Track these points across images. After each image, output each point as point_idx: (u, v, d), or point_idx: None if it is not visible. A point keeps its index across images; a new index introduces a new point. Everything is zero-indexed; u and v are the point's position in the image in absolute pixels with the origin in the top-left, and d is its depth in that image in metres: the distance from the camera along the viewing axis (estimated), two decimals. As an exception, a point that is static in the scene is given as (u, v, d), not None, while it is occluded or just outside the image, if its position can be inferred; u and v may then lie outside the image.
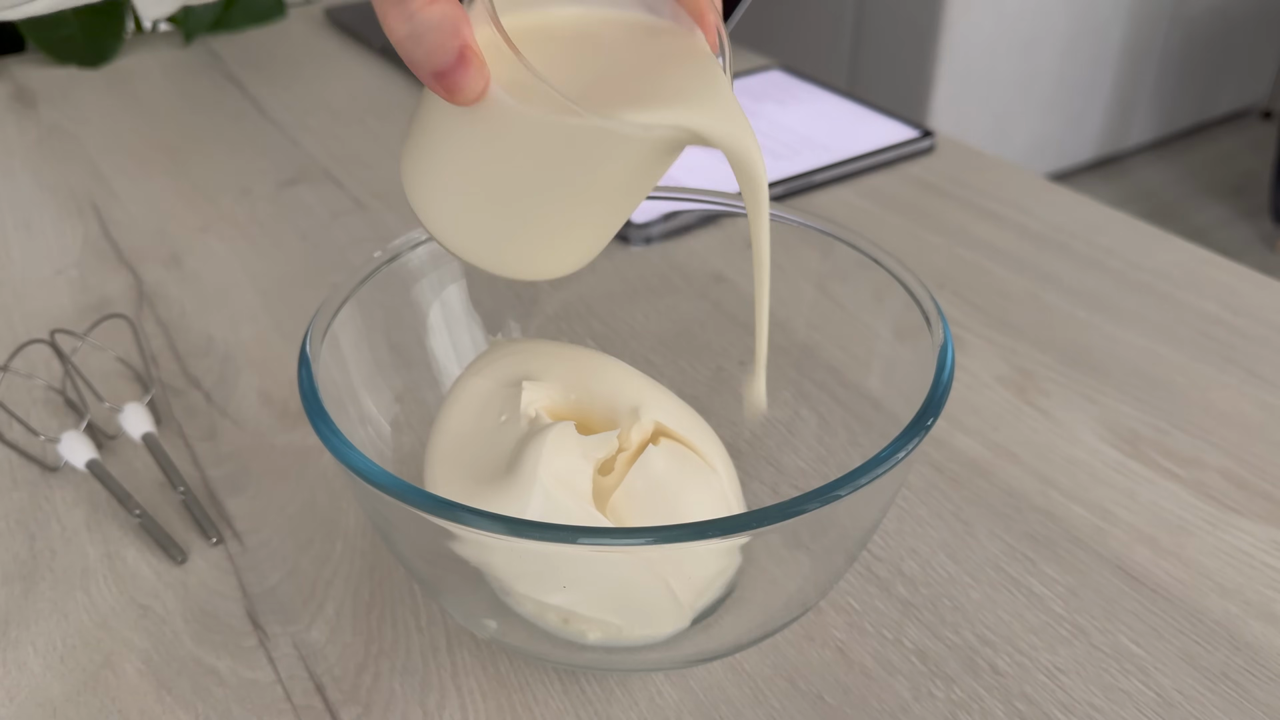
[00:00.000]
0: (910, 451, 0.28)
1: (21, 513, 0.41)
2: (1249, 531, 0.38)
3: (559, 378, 0.34)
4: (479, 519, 0.25)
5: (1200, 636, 0.34)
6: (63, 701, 0.33)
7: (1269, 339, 0.48)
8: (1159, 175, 2.20)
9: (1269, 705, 0.32)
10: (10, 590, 0.37)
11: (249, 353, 0.50)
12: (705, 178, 0.63)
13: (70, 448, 0.41)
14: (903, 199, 0.61)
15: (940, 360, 0.31)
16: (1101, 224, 0.58)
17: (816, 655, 0.34)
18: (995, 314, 0.51)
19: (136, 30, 0.96)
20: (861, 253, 0.36)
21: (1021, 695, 0.33)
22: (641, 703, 0.33)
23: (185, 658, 0.35)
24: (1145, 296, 0.52)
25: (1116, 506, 0.39)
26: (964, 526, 0.39)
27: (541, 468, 0.30)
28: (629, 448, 0.33)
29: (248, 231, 0.60)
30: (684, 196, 0.40)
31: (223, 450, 0.44)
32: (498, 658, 0.34)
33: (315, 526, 0.40)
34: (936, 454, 0.42)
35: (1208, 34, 2.16)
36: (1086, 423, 0.44)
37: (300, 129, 0.73)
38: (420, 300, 0.39)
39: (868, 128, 0.68)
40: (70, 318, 0.52)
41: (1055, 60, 1.94)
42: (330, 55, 0.87)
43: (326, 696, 0.33)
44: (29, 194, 0.65)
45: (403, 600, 0.36)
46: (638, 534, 0.26)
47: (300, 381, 0.31)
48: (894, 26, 1.84)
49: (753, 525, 0.25)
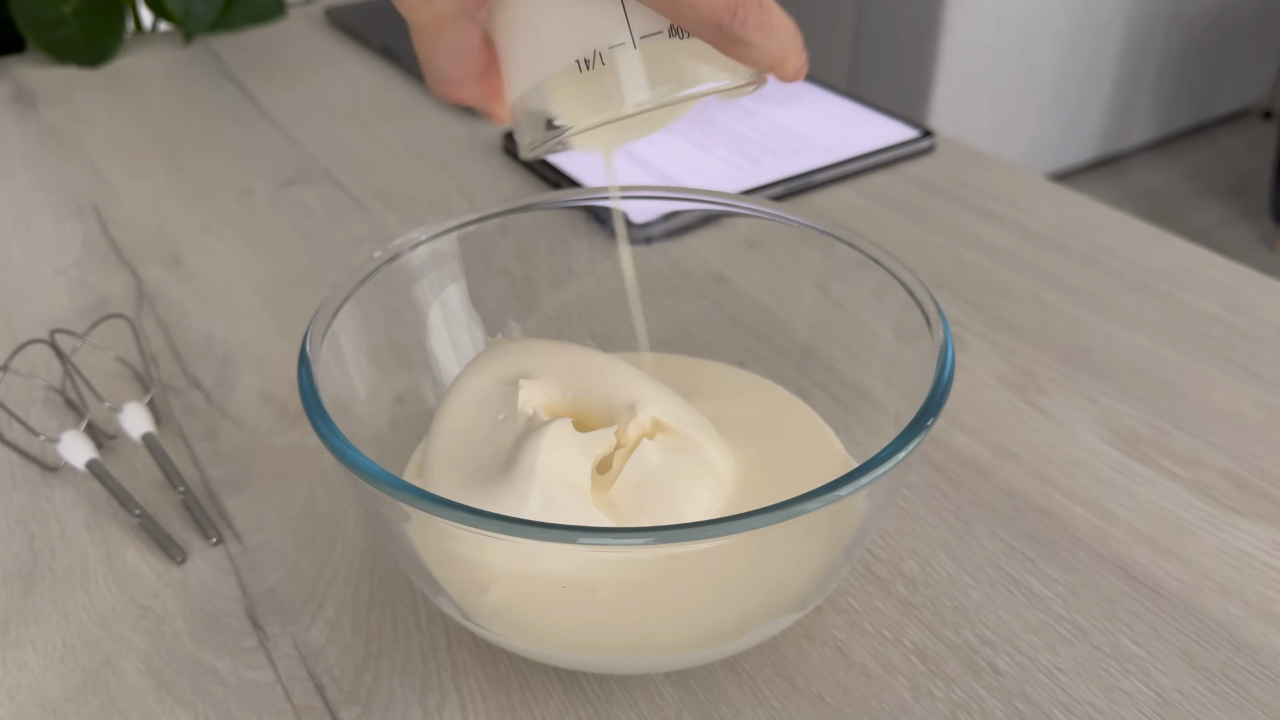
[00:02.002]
0: (910, 451, 0.28)
1: (21, 513, 0.41)
2: (1249, 531, 0.38)
3: (556, 375, 0.34)
4: (478, 518, 0.25)
5: (1200, 636, 0.34)
6: (63, 701, 0.33)
7: (1269, 339, 0.48)
8: (1159, 175, 2.20)
9: (1269, 705, 0.32)
10: (10, 590, 0.37)
11: (249, 353, 0.50)
12: (705, 178, 0.63)
13: (70, 448, 0.41)
14: (903, 199, 0.61)
15: (940, 360, 0.31)
16: (1101, 224, 0.58)
17: (816, 655, 0.34)
18: (995, 314, 0.51)
19: (136, 30, 0.96)
20: (861, 253, 0.36)
21: (1021, 695, 0.33)
22: (641, 703, 0.33)
23: (185, 658, 0.35)
24: (1145, 296, 0.52)
25: (1116, 506, 0.39)
26: (964, 526, 0.39)
27: (539, 465, 0.30)
28: (627, 444, 0.33)
29: (248, 231, 0.60)
30: (684, 196, 0.40)
31: (223, 450, 0.44)
32: (498, 658, 0.34)
33: (315, 526, 0.40)
34: (936, 454, 0.42)
35: (1208, 34, 2.16)
36: (1086, 423, 0.44)
37: (300, 129, 0.73)
38: (420, 300, 0.39)
39: (868, 128, 0.68)
40: (70, 318, 0.52)
41: (1055, 60, 1.94)
42: (330, 55, 0.87)
43: (326, 696, 0.33)
44: (29, 194, 0.65)
45: (403, 600, 0.36)
46: (637, 534, 0.26)
47: (300, 381, 0.31)
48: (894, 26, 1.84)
49: (753, 524, 0.25)
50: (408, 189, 0.64)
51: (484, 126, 0.72)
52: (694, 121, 0.70)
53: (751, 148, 0.66)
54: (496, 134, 0.71)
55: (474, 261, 0.40)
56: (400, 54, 0.83)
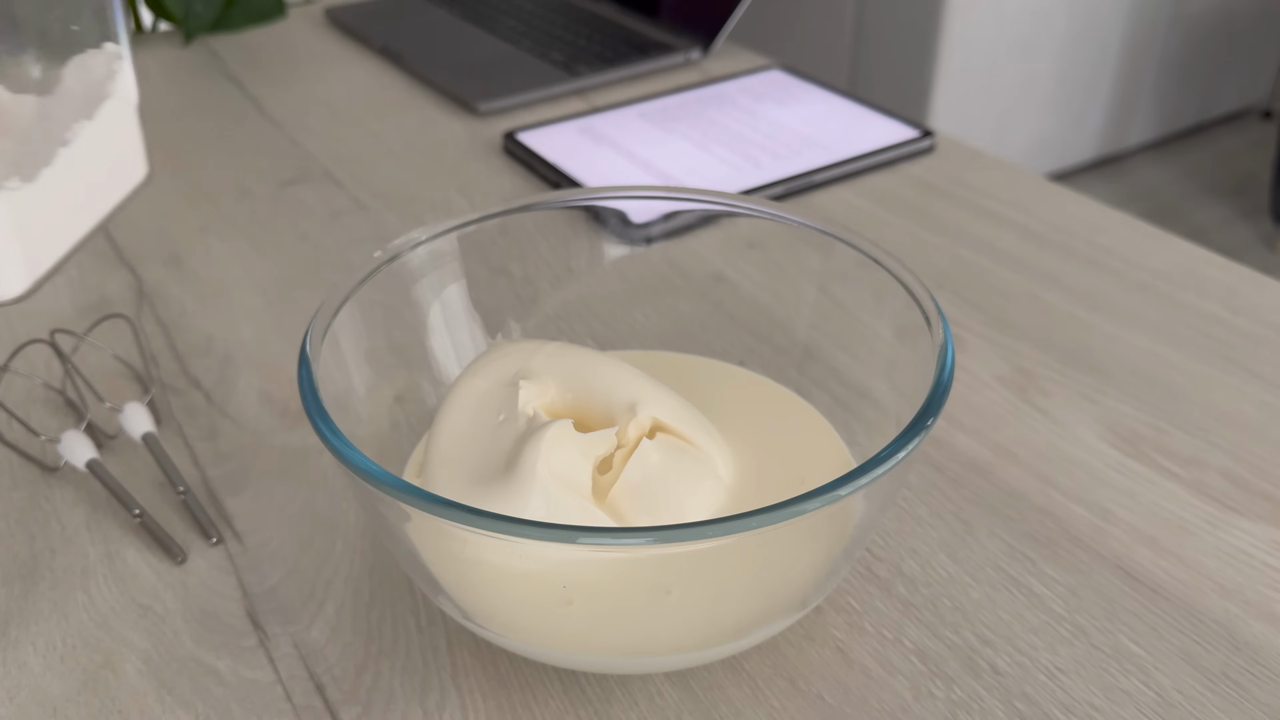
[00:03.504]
0: (910, 451, 0.28)
1: (21, 513, 0.41)
2: (1249, 531, 0.38)
3: (556, 376, 0.34)
4: (479, 518, 0.25)
5: (1200, 636, 0.34)
6: (63, 701, 0.33)
7: (1269, 339, 0.48)
8: (1159, 175, 2.20)
9: (1269, 705, 0.32)
10: (10, 590, 0.37)
11: (249, 353, 0.50)
12: (705, 178, 0.63)
13: (70, 448, 0.41)
14: (903, 199, 0.61)
15: (940, 360, 0.31)
16: (1101, 224, 0.58)
17: (816, 655, 0.34)
18: (995, 314, 0.51)
19: (136, 30, 0.96)
20: (861, 253, 0.36)
21: (1021, 695, 0.33)
22: (641, 703, 0.33)
23: (185, 658, 0.35)
24: (1145, 296, 0.52)
25: (1116, 506, 0.39)
26: (964, 526, 0.39)
27: (540, 465, 0.30)
28: (627, 444, 0.33)
29: (248, 231, 0.60)
30: (684, 196, 0.40)
31: (223, 450, 0.44)
32: (498, 658, 0.34)
33: (315, 526, 0.40)
34: (936, 454, 0.42)
35: (1208, 34, 2.16)
36: (1086, 423, 0.44)
37: (300, 129, 0.73)
38: (420, 300, 0.39)
39: (868, 128, 0.68)
40: (70, 318, 0.52)
41: (1055, 60, 1.94)
42: (330, 55, 0.87)
43: (326, 696, 0.33)
44: (29, 194, 0.65)
45: (403, 600, 0.36)
46: (637, 534, 0.26)
47: (300, 381, 0.31)
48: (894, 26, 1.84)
49: (753, 524, 0.25)
50: (408, 189, 0.64)
51: (484, 126, 0.72)
52: (694, 121, 0.70)
53: (751, 148, 0.66)
54: (496, 134, 0.71)
55: (474, 261, 0.40)
56: (400, 54, 0.83)
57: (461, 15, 0.91)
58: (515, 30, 0.87)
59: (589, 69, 0.78)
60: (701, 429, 0.34)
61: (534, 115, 0.74)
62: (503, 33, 0.87)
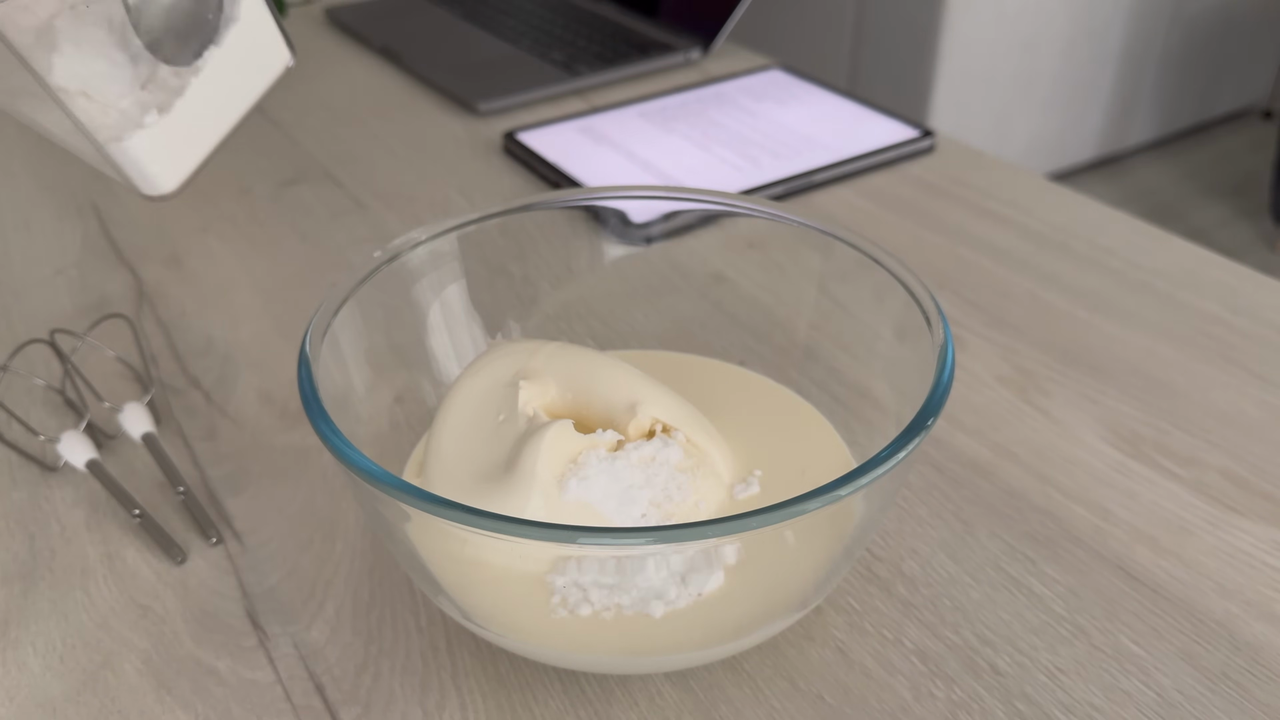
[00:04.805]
0: (910, 451, 0.28)
1: (21, 513, 0.41)
2: (1249, 531, 0.38)
3: (556, 376, 0.34)
4: (479, 518, 0.25)
5: (1200, 636, 0.34)
6: (63, 701, 0.33)
7: (1269, 339, 0.48)
8: (1159, 175, 2.20)
9: (1269, 705, 0.32)
10: (10, 590, 0.37)
11: (249, 353, 0.50)
12: (705, 178, 0.63)
13: (70, 448, 0.41)
14: (903, 199, 0.61)
15: (940, 360, 0.31)
16: (1101, 224, 0.58)
17: (816, 655, 0.34)
18: (995, 314, 0.51)
19: (136, 30, 0.96)
20: (862, 253, 0.36)
21: (1022, 695, 0.32)
22: (641, 703, 0.33)
23: (185, 658, 0.35)
24: (1145, 296, 0.52)
25: (1116, 506, 0.39)
26: (964, 526, 0.39)
27: (540, 466, 0.30)
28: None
29: (247, 231, 0.60)
30: (684, 196, 0.40)
31: (222, 450, 0.44)
32: (498, 658, 0.34)
33: (315, 526, 0.40)
34: (936, 454, 0.42)
35: (1208, 34, 2.16)
36: (1086, 423, 0.43)
37: (300, 128, 0.73)
38: (420, 300, 0.39)
39: (868, 128, 0.68)
40: (70, 318, 0.52)
41: (1055, 60, 1.94)
42: (330, 55, 0.87)
43: (326, 696, 0.33)
44: (29, 194, 0.65)
45: (403, 600, 0.36)
46: (637, 534, 0.26)
47: (300, 381, 0.31)
48: (894, 26, 1.84)
49: (754, 524, 0.25)
50: (408, 189, 0.64)
51: (484, 126, 0.72)
52: (694, 121, 0.70)
53: (751, 148, 0.66)
54: (496, 134, 0.71)
55: (474, 261, 0.40)
56: (400, 54, 0.83)
57: (461, 15, 0.91)
58: (515, 30, 0.87)
59: (589, 69, 0.78)
60: (701, 429, 0.34)
61: (534, 115, 0.74)
62: (503, 33, 0.87)
